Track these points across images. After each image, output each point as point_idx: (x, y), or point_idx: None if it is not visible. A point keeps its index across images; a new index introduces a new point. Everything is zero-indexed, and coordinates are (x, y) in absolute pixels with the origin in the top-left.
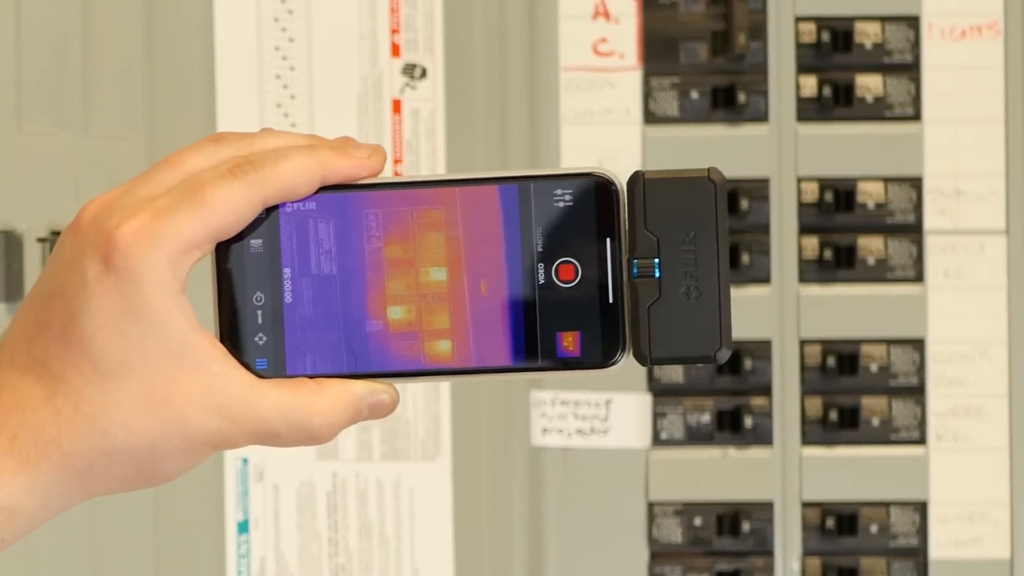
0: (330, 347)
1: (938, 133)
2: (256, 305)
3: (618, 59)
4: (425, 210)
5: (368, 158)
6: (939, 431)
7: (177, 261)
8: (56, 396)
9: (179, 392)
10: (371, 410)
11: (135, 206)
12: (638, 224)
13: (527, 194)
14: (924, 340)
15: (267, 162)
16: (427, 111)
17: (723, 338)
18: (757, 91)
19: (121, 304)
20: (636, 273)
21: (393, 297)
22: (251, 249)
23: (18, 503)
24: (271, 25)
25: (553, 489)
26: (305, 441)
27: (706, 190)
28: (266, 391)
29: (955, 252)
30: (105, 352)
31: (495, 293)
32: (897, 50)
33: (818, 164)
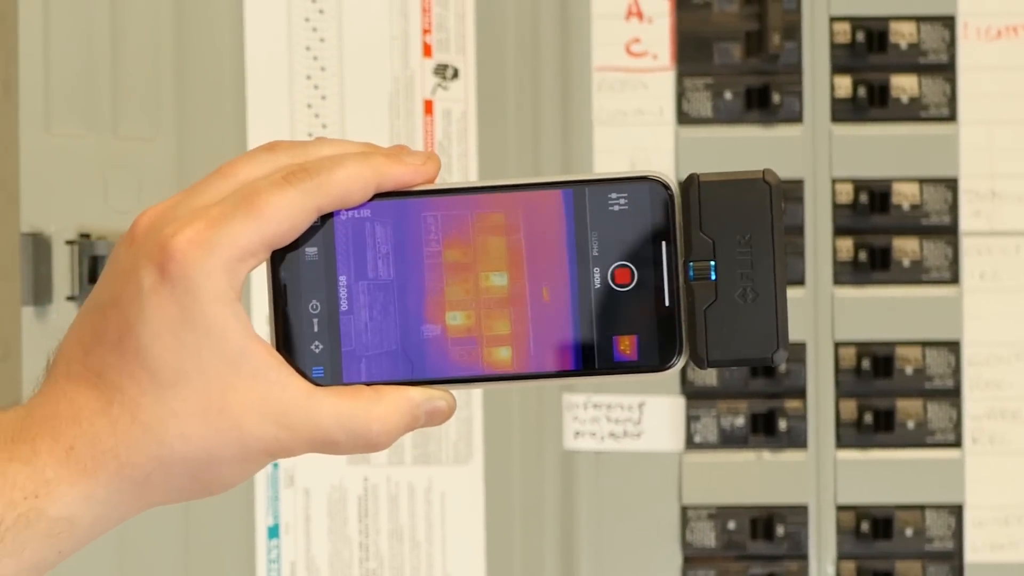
0: (387, 354)
1: (974, 134)
2: (312, 313)
3: (651, 59)
4: (483, 214)
5: (423, 164)
6: (975, 434)
7: (232, 269)
8: (113, 406)
9: (236, 401)
10: (428, 417)
11: (190, 215)
12: (693, 227)
13: (582, 198)
14: (960, 342)
15: (322, 169)
16: (459, 112)
17: (780, 339)
18: (791, 92)
19: (177, 313)
20: (692, 276)
21: (452, 302)
22: (306, 257)
23: (76, 514)
24: (302, 25)
25: (585, 493)
26: (363, 448)
27: (761, 191)
28: (323, 399)
29: (991, 254)
30: (161, 361)
31: (554, 298)
32: (932, 50)
33: (853, 165)
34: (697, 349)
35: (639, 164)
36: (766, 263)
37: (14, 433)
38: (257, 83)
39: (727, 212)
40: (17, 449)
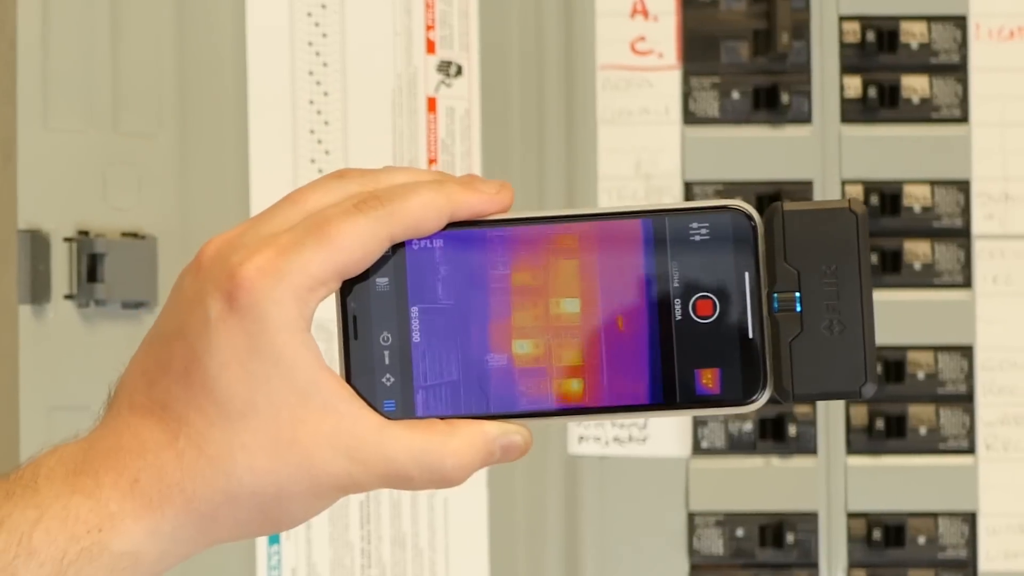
0: (460, 387)
1: (986, 135)
2: (383, 345)
3: (657, 58)
4: (558, 243)
5: (496, 193)
6: (988, 440)
7: (303, 299)
8: (179, 439)
9: (307, 433)
10: (504, 452)
11: (259, 243)
12: (777, 257)
13: (662, 228)
14: (972, 347)
15: (394, 197)
16: (462, 109)
17: (868, 373)
18: (800, 91)
19: (246, 343)
20: (776, 307)
21: (521, 329)
22: (377, 287)
23: (140, 549)
24: (304, 20)
25: (590, 499)
26: (437, 484)
27: (847, 221)
28: (396, 433)
29: (1004, 257)
30: (229, 393)
31: (631, 329)
32: (944, 50)
33: (863, 167)
34: (782, 382)
35: (644, 164)
36: (853, 294)
37: (76, 465)
38: (259, 78)
39: (812, 242)
40: (80, 482)
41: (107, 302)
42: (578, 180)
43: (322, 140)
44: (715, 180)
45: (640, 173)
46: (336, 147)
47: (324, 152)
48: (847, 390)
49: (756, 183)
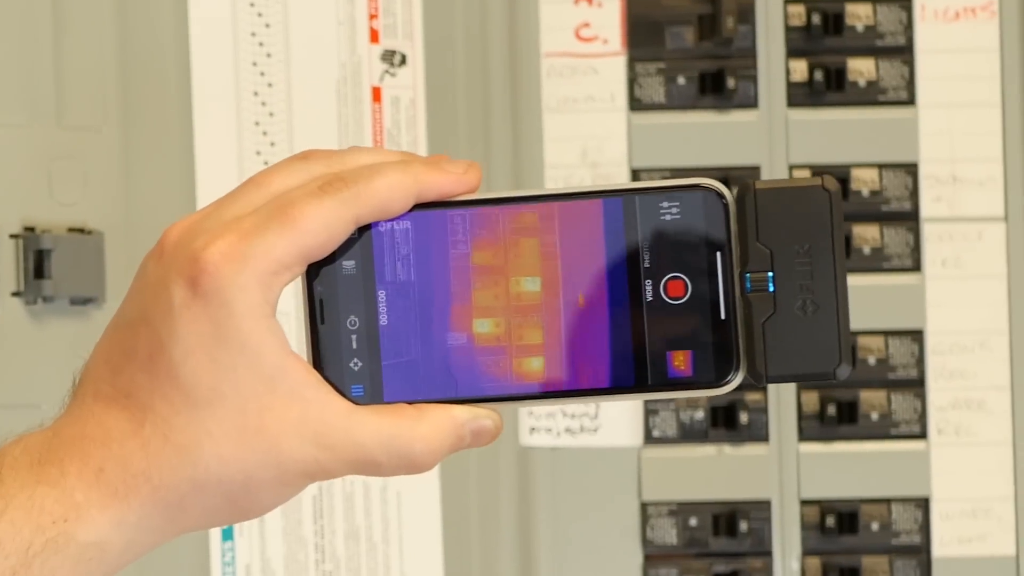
0: (429, 371)
1: (933, 118)
2: (350, 329)
3: (601, 44)
4: (525, 224)
5: (464, 173)
6: (940, 425)
7: (267, 283)
8: (144, 427)
9: (273, 420)
10: (474, 436)
11: (222, 227)
12: (750, 236)
13: (632, 208)
14: (923, 331)
15: (360, 179)
16: (407, 99)
17: (843, 353)
18: (746, 76)
19: (210, 329)
20: (749, 288)
21: (483, 309)
22: (344, 270)
23: (106, 539)
24: (247, 11)
25: (542, 490)
26: (406, 470)
27: (820, 199)
28: (364, 418)
29: (952, 240)
30: (194, 380)
31: (600, 311)
32: (890, 32)
33: (810, 151)
34: (755, 364)
35: (591, 152)
36: (827, 274)
37: (41, 455)
38: (202, 70)
39: (785, 221)
40: (45, 472)
41: (55, 298)
42: (524, 169)
43: (267, 132)
44: (662, 167)
45: (586, 161)
46: (281, 138)
47: (269, 144)
48: (821, 371)
49: (703, 169)
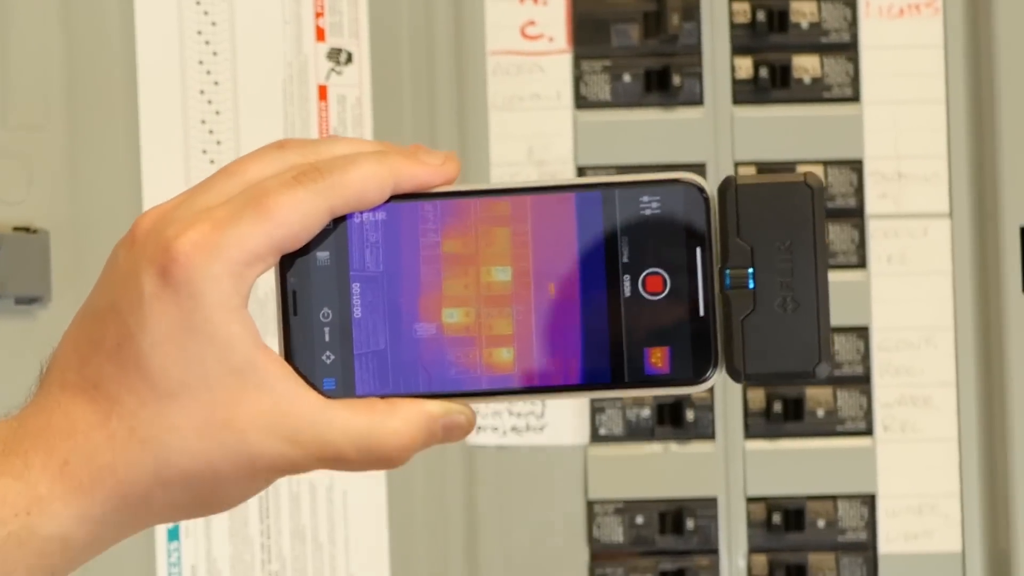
0: (401, 365)
1: (878, 114)
2: (323, 322)
3: (547, 42)
4: (505, 217)
5: (442, 164)
6: (886, 421)
7: (239, 274)
8: (111, 419)
9: (242, 414)
10: (446, 432)
11: (194, 216)
12: (730, 232)
13: (612, 202)
14: (868, 328)
15: (335, 169)
16: (354, 97)
17: (822, 352)
18: (691, 73)
19: (180, 320)
20: (729, 284)
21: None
22: (318, 262)
23: (70, 533)
24: (193, 8)
25: (488, 489)
26: (377, 465)
27: (803, 196)
28: (335, 413)
29: (898, 237)
30: (163, 371)
31: (579, 305)
32: (834, 29)
33: (756, 148)
34: (734, 362)
35: (537, 150)
36: (808, 271)
37: (5, 445)
38: (148, 68)
39: (766, 217)
40: (8, 463)
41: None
42: (471, 166)
43: (213, 130)
44: (608, 164)
45: (533, 159)
46: (227, 137)
47: (216, 142)
48: (800, 370)
49: (649, 166)
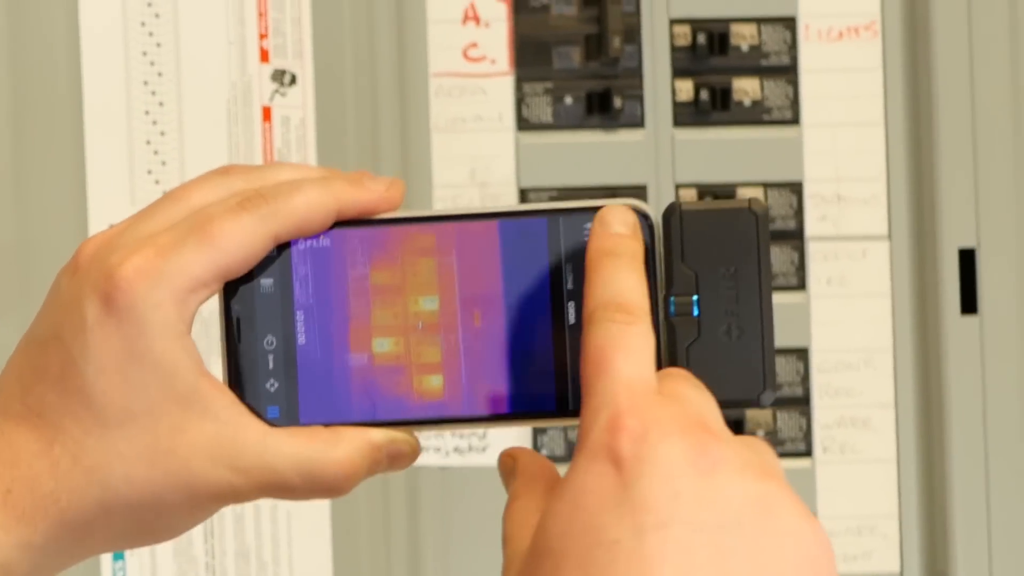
0: (345, 394)
1: (818, 137)
2: (267, 349)
3: (489, 64)
4: (449, 243)
5: (386, 191)
6: (825, 443)
7: (183, 301)
8: (54, 447)
9: (185, 442)
10: (390, 461)
11: (138, 243)
12: (675, 259)
13: (556, 228)
14: (808, 349)
15: (279, 195)
16: (297, 118)
17: (767, 380)
18: (632, 96)
19: (123, 347)
20: (673, 311)
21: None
22: (262, 289)
23: (11, 562)
24: (138, 29)
25: (432, 510)
26: (321, 494)
27: (747, 222)
28: (279, 441)
29: (837, 259)
30: (106, 399)
31: (527, 334)
32: (774, 52)
33: (696, 170)
34: None
35: (479, 171)
36: (752, 298)
37: None
38: (94, 88)
39: (711, 244)
40: None
41: None
42: (413, 188)
43: (158, 150)
44: (550, 186)
45: (475, 180)
46: (172, 157)
47: (161, 162)
48: (745, 398)
49: (591, 188)
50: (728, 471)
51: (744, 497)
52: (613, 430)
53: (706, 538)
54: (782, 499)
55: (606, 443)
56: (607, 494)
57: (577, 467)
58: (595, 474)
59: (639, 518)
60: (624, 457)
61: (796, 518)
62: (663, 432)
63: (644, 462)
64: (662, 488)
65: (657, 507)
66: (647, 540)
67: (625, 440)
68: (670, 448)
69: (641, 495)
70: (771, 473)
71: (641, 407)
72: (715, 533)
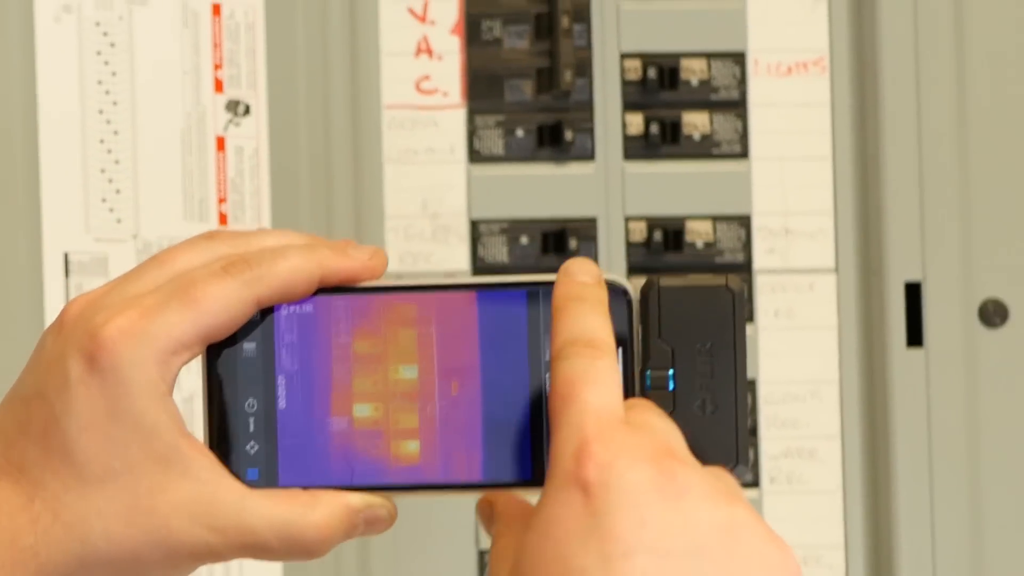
0: (324, 457)
1: (766, 171)
2: (248, 412)
3: (442, 97)
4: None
5: (369, 259)
6: (772, 473)
7: (165, 362)
8: (34, 503)
9: (165, 501)
10: (367, 525)
11: (123, 303)
12: (652, 334)
13: (536, 301)
14: (756, 381)
15: (263, 261)
16: (251, 148)
17: (740, 454)
18: (583, 129)
19: (106, 406)
20: (649, 385)
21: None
22: (244, 353)
23: None
24: (93, 59)
25: (380, 539)
26: (298, 555)
27: (723, 299)
28: (257, 503)
29: (785, 291)
30: (87, 457)
31: (505, 405)
32: (723, 87)
33: (646, 203)
34: None
35: (431, 203)
36: (727, 373)
37: None
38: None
39: (687, 319)
40: None
41: None
42: (365, 219)
43: (113, 179)
44: (501, 218)
45: (427, 212)
46: (127, 186)
47: (115, 191)
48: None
49: (542, 220)
50: (695, 497)
51: (711, 523)
52: (581, 458)
53: (673, 565)
54: (749, 523)
55: (574, 471)
56: (575, 522)
57: (547, 497)
58: (563, 503)
59: (607, 547)
60: (591, 484)
61: (762, 542)
62: (631, 459)
63: (611, 490)
64: (629, 515)
65: (624, 536)
66: (613, 569)
67: (592, 468)
68: (637, 475)
69: (609, 523)
70: (738, 497)
71: (608, 435)
72: (682, 559)
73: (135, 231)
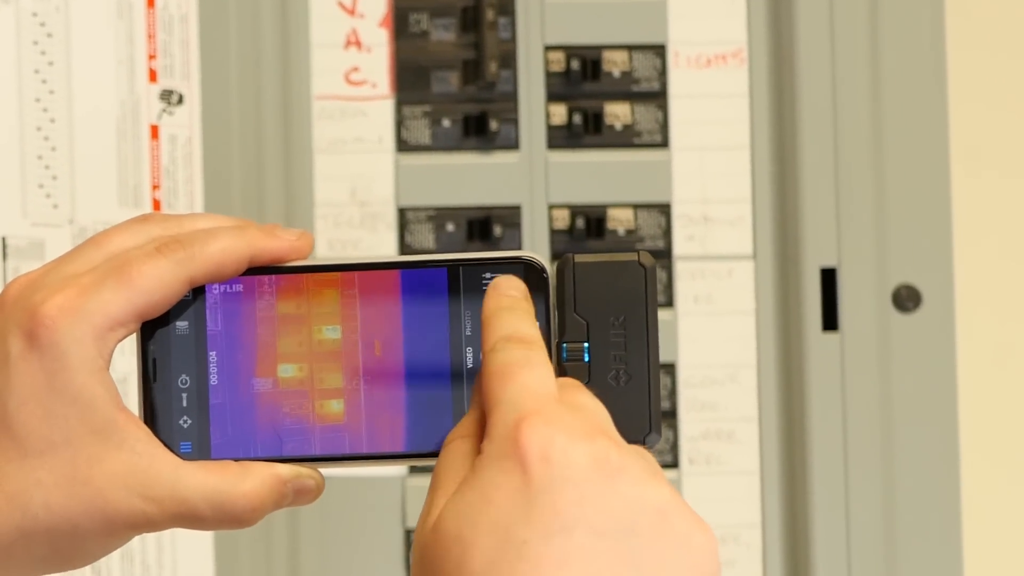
0: (255, 430)
1: (686, 160)
2: (181, 387)
3: (370, 88)
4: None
5: (296, 240)
6: (691, 455)
7: (102, 338)
8: None
9: (102, 472)
10: (296, 495)
11: (61, 282)
12: (567, 308)
13: (456, 278)
14: (675, 365)
15: (195, 241)
16: (184, 137)
17: (652, 423)
18: (508, 119)
19: (45, 381)
20: (565, 357)
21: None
22: (177, 331)
23: None
24: (30, 48)
25: (309, 519)
26: (230, 524)
27: (636, 274)
28: (190, 474)
29: (704, 277)
30: (27, 430)
31: (426, 377)
32: (645, 78)
33: (569, 191)
34: None
35: (359, 191)
36: (640, 345)
37: None
38: None
39: (601, 294)
40: None
41: None
42: (296, 206)
43: (49, 166)
44: (428, 206)
45: (356, 200)
46: (63, 172)
47: (52, 177)
48: (632, 439)
49: (467, 208)
50: (629, 478)
51: (644, 504)
52: (521, 429)
53: (608, 544)
54: (677, 507)
55: (514, 443)
56: (516, 493)
57: (486, 463)
58: (505, 471)
59: (547, 520)
60: (532, 458)
61: (689, 526)
62: (569, 437)
63: (553, 465)
64: (569, 492)
65: (564, 511)
66: (554, 543)
67: (534, 441)
68: (577, 453)
69: (550, 498)
70: (662, 477)
71: (547, 411)
72: (616, 538)
73: (71, 216)
